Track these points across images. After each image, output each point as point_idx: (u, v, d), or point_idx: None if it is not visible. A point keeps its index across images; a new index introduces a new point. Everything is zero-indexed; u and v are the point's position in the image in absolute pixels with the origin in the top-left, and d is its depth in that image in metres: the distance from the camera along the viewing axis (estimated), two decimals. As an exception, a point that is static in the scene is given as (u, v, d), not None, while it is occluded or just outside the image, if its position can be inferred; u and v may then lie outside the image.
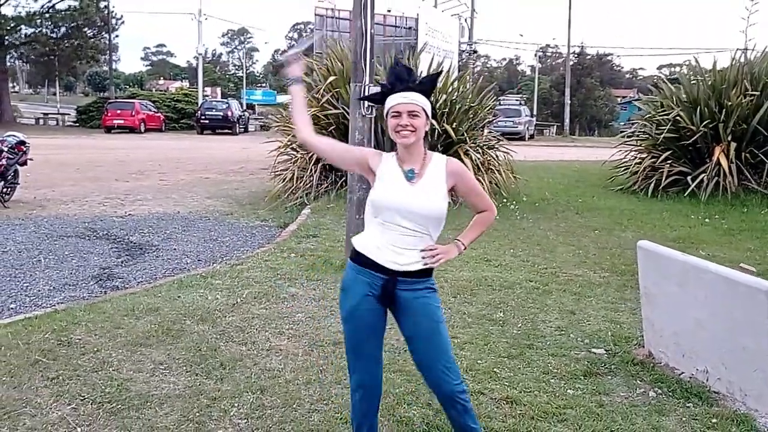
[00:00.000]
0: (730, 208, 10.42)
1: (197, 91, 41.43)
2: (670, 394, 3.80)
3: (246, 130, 36.91)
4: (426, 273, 2.68)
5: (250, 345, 4.40)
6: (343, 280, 2.78)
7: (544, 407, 3.61)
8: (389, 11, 37.14)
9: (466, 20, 35.73)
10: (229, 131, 33.72)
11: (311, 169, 10.34)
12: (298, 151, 10.81)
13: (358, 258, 2.68)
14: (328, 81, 10.32)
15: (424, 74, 10.29)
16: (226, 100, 37.90)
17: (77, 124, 38.20)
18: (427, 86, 2.66)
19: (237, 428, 3.36)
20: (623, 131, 15.68)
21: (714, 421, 3.45)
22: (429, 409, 3.56)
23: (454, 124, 10.23)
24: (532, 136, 35.58)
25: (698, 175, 11.37)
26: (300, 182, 10.43)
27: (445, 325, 2.75)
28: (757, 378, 3.53)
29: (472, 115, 10.85)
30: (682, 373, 4.01)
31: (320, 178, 10.45)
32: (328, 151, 2.85)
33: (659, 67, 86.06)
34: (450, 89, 10.63)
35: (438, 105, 10.20)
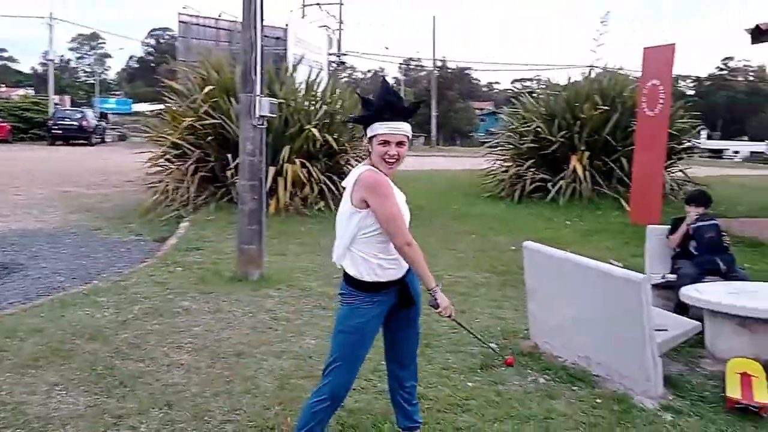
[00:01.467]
0: (587, 211, 11.36)
1: (47, 99, 38.68)
2: (558, 379, 4.14)
3: (103, 141, 34.96)
4: None
5: (148, 361, 4.28)
6: (352, 300, 2.88)
7: (448, 400, 3.83)
8: (255, 21, 36.59)
9: (333, 32, 36.16)
10: (85, 142, 31.79)
11: (188, 181, 10.08)
12: (173, 162, 10.50)
13: (371, 286, 2.84)
14: (205, 91, 10.12)
15: (303, 86, 10.33)
16: (80, 109, 35.69)
17: None
18: (411, 113, 2.82)
19: (149, 444, 3.29)
20: (484, 141, 16.60)
21: (599, 401, 3.81)
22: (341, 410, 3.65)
23: (335, 134, 10.39)
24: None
25: (557, 182, 12.31)
26: (176, 194, 10.13)
27: None
28: (631, 360, 3.94)
29: (351, 126, 11.07)
30: (566, 360, 4.38)
31: (198, 190, 10.21)
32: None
33: (513, 81, 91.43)
34: (329, 101, 10.78)
35: (318, 116, 10.34)
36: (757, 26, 9.63)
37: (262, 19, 5.92)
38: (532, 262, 4.61)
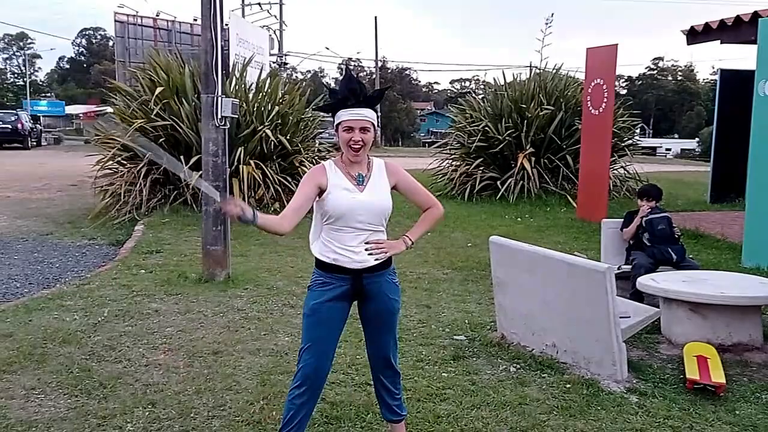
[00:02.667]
0: (536, 208, 11.72)
1: (-24, 102, 37.13)
2: (527, 367, 4.34)
3: (39, 144, 33.85)
4: (385, 265, 2.95)
5: (125, 362, 4.28)
6: (311, 282, 2.96)
7: (426, 390, 3.96)
8: (196, 20, 36.16)
9: (275, 32, 35.91)
10: (20, 145, 30.67)
11: (140, 184, 9.93)
12: (124, 165, 10.32)
13: (322, 265, 2.90)
14: (156, 93, 9.99)
15: (254, 87, 10.29)
16: (15, 112, 34.35)
17: None
18: (375, 100, 2.88)
19: (137, 443, 3.31)
20: (426, 141, 16.88)
21: (568, 386, 4.02)
22: (324, 402, 3.74)
23: (288, 135, 10.41)
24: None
25: (506, 180, 12.64)
26: (128, 197, 9.97)
27: (397, 317, 3.09)
28: (597, 346, 4.17)
29: (302, 127, 11.11)
30: (533, 349, 4.58)
31: (150, 192, 10.07)
32: (301, 213, 2.84)
33: (451, 82, 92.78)
34: (281, 101, 10.79)
35: (270, 117, 10.34)
36: (692, 27, 10.16)
37: (221, 19, 5.93)
38: (499, 255, 4.79)
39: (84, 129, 50.80)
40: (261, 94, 10.63)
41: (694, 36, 10.08)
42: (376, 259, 2.89)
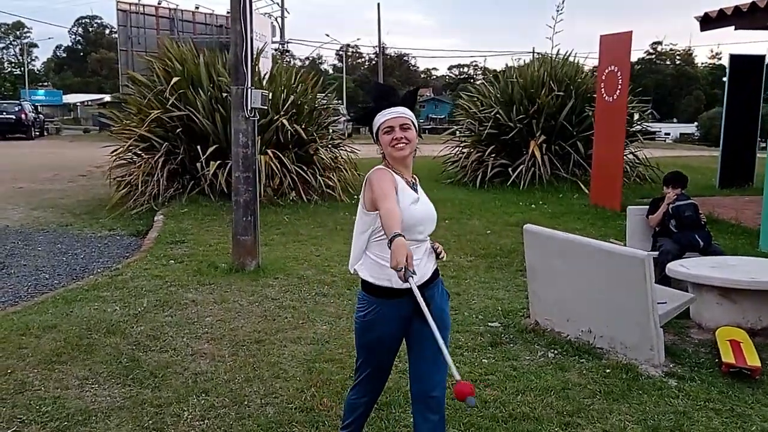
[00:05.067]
0: (548, 194, 11.79)
1: (-23, 92, 37.02)
2: (565, 353, 4.43)
3: (42, 134, 33.79)
4: (435, 275, 2.73)
5: (171, 352, 4.36)
6: (364, 315, 2.65)
7: (469, 376, 4.05)
8: (197, 8, 35.87)
9: (276, 19, 35.79)
10: (23, 136, 30.62)
11: (158, 174, 9.98)
12: (141, 156, 10.37)
13: (379, 290, 2.59)
14: (172, 83, 10.02)
15: (268, 77, 10.31)
16: (18, 101, 34.27)
17: None
18: (410, 101, 2.70)
19: (197, 430, 3.40)
20: (426, 127, 16.96)
21: (608, 371, 4.11)
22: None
23: (303, 124, 10.46)
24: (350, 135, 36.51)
25: (517, 167, 12.70)
26: (145, 188, 10.02)
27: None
28: (635, 332, 4.26)
29: (316, 116, 11.15)
30: (568, 335, 4.67)
31: (167, 183, 10.13)
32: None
33: (450, 68, 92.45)
34: (295, 91, 10.83)
35: (285, 107, 10.38)
36: (706, 14, 10.17)
37: (251, 11, 5.97)
38: (533, 243, 4.87)
39: (81, 118, 50.70)
40: (275, 83, 10.66)
41: (707, 22, 10.08)
42: (441, 257, 2.77)
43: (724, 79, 13.61)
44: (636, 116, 13.82)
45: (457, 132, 15.29)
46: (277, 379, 3.98)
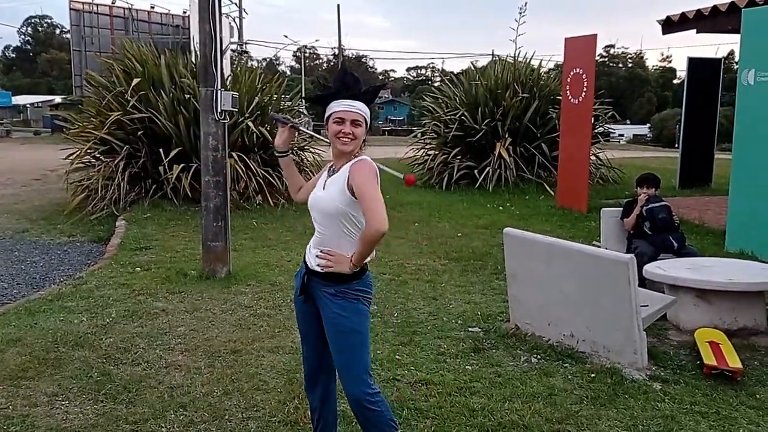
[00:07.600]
0: (514, 196, 11.85)
1: None
2: (548, 358, 4.39)
3: (-9, 137, 32.71)
4: (337, 277, 2.65)
5: (144, 364, 4.18)
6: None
7: (454, 383, 3.98)
8: (153, 8, 35.11)
9: (234, 20, 35.30)
10: (-29, 138, 29.57)
11: (119, 178, 9.68)
12: (100, 159, 10.04)
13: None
14: (133, 84, 9.73)
15: (230, 78, 10.07)
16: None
17: None
18: (370, 96, 2.72)
19: (178, 448, 3.25)
20: (385, 129, 16.92)
21: (593, 375, 4.08)
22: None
23: (268, 126, 10.28)
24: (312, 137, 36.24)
25: (484, 168, 12.73)
26: (105, 192, 9.71)
27: (351, 336, 2.68)
28: (618, 335, 4.24)
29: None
30: (550, 339, 4.64)
31: (128, 186, 9.83)
32: (305, 192, 2.89)
33: (408, 69, 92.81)
34: (260, 92, 10.64)
35: (250, 108, 10.19)
36: (668, 17, 10.36)
37: (220, 12, 5.80)
38: (513, 247, 4.83)
39: (31, 120, 49.20)
40: (239, 84, 10.45)
41: (669, 25, 10.28)
42: (318, 265, 2.68)
43: (675, 81, 13.91)
44: (599, 118, 13.98)
45: (420, 134, 15.26)
46: (258, 391, 3.84)
